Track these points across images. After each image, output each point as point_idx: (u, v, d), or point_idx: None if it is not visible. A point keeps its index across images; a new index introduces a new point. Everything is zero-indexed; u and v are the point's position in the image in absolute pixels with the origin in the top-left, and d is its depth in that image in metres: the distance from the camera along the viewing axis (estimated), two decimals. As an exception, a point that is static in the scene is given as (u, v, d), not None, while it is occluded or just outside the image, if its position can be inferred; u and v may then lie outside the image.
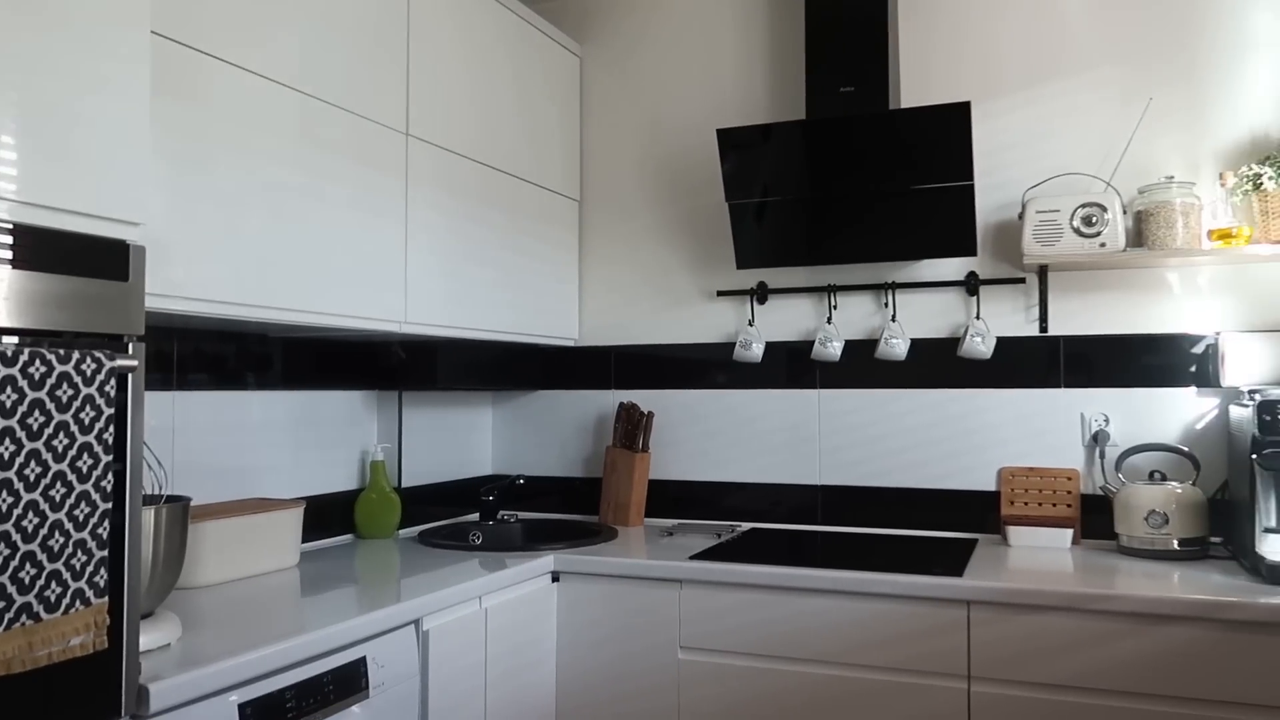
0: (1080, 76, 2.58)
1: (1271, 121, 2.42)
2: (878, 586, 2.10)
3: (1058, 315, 2.59)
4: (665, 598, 2.28)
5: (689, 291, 2.99)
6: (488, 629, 2.12)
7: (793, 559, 2.30)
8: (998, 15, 2.66)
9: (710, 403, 2.94)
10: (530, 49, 2.83)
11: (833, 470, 2.79)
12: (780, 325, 2.87)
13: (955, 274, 2.68)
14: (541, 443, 3.14)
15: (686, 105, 3.00)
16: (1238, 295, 2.44)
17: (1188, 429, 2.47)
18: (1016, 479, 2.58)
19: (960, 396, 2.67)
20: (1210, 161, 2.46)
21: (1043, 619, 1.99)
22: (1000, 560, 2.29)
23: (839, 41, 2.60)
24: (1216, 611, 1.88)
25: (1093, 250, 2.38)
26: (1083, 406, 2.56)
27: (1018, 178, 2.60)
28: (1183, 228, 2.33)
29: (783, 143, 2.61)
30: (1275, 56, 2.42)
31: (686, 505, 2.95)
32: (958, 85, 2.68)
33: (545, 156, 2.91)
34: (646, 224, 3.05)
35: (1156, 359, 2.50)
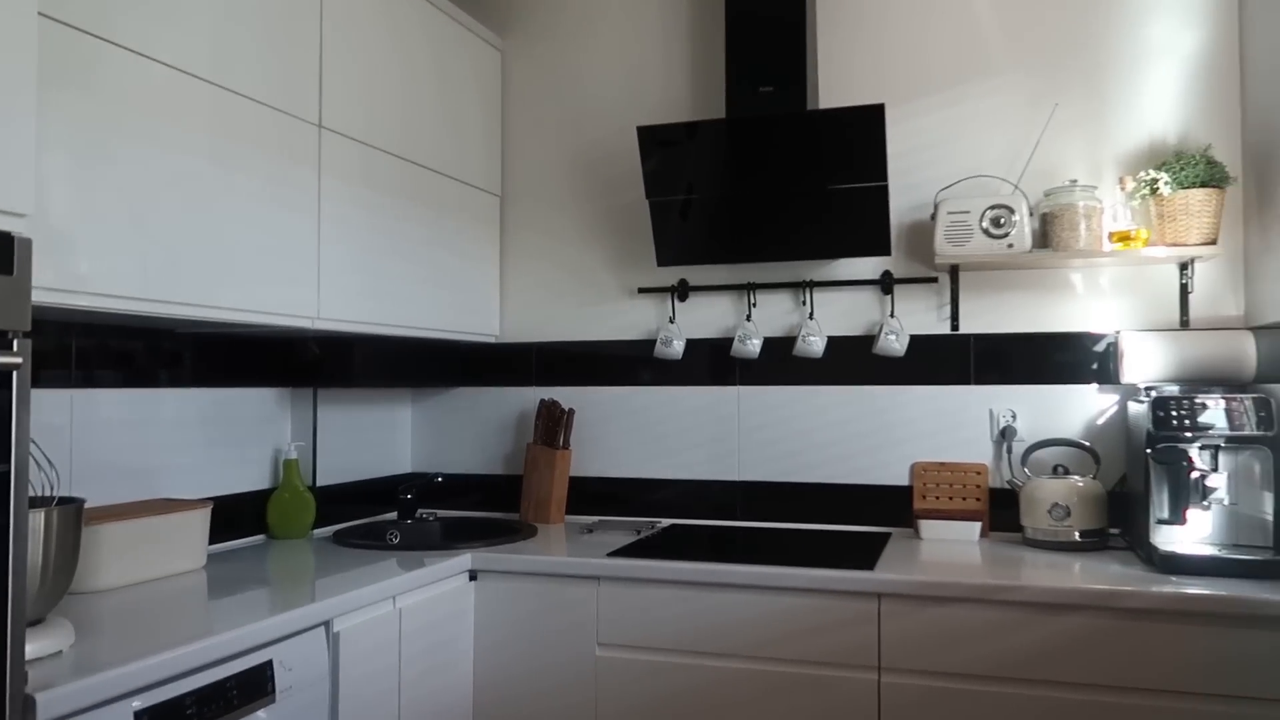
0: (990, 81, 2.65)
1: (1169, 128, 2.51)
2: (792, 581, 2.13)
3: (968, 314, 2.66)
4: (583, 595, 2.28)
5: (610, 288, 2.99)
6: (402, 629, 2.09)
7: (710, 554, 2.32)
8: (913, 20, 2.72)
9: (632, 400, 2.95)
10: (451, 42, 2.80)
11: (752, 466, 2.82)
12: (701, 322, 2.88)
13: (871, 273, 2.73)
14: (462, 440, 3.11)
15: (608, 101, 3.00)
16: (1136, 295, 2.53)
17: (1090, 424, 2.56)
18: (928, 474, 2.64)
19: (875, 393, 2.72)
20: (1112, 166, 2.55)
21: (950, 610, 2.04)
22: (911, 553, 2.34)
23: (759, 42, 2.62)
24: (1112, 600, 1.95)
25: (1001, 251, 2.45)
26: (991, 403, 2.63)
27: (931, 179, 2.66)
28: (1085, 230, 2.41)
29: (703, 141, 2.63)
30: (1172, 66, 2.51)
31: (608, 502, 2.95)
32: (874, 87, 2.73)
33: (466, 151, 2.88)
34: (568, 220, 3.04)
35: (1061, 357, 2.58)
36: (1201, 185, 2.31)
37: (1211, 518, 2.18)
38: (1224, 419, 2.13)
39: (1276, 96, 2.22)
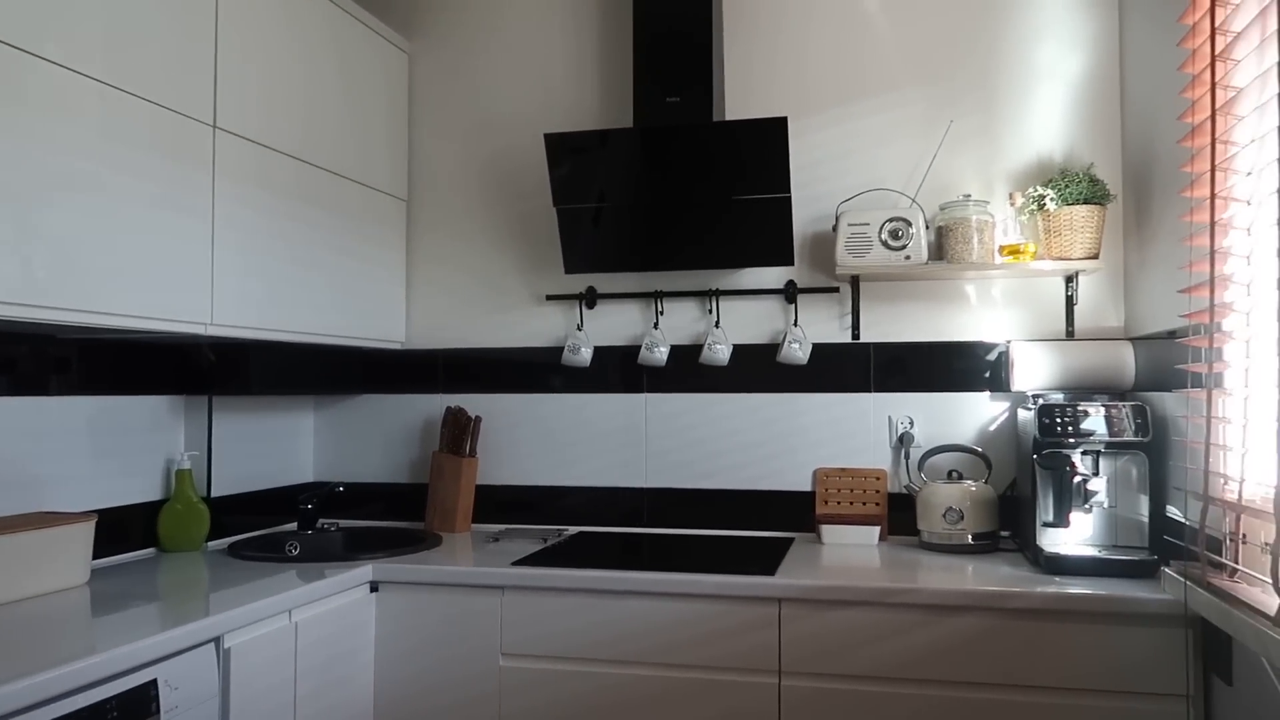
0: (889, 97, 2.72)
1: (1055, 146, 2.62)
2: (694, 587, 2.15)
3: (869, 323, 2.72)
4: (487, 605, 2.26)
5: (518, 295, 2.97)
6: (298, 644, 2.04)
7: (616, 562, 2.32)
8: (817, 35, 2.78)
9: (539, 407, 2.93)
10: (355, 43, 2.75)
11: (659, 473, 2.84)
12: (609, 330, 2.89)
13: (775, 282, 2.77)
14: (366, 448, 3.05)
15: (516, 107, 2.98)
16: (1026, 306, 2.63)
17: (983, 430, 2.65)
18: (830, 479, 2.70)
19: (779, 401, 2.77)
20: (1003, 182, 2.65)
21: (848, 613, 2.09)
22: (812, 558, 2.39)
23: (666, 52, 2.64)
24: (1000, 601, 2.02)
25: (899, 262, 2.52)
26: (890, 410, 2.70)
27: (832, 191, 2.72)
28: (978, 243, 2.50)
29: (610, 150, 2.64)
30: (1058, 88, 2.63)
31: (515, 510, 2.93)
32: (779, 100, 2.78)
33: (371, 155, 2.84)
34: (476, 226, 3.01)
35: (956, 365, 2.67)
36: (1084, 202, 2.42)
37: (1093, 520, 2.28)
38: (1104, 426, 2.23)
39: (1152, 120, 2.34)
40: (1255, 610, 1.53)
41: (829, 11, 2.77)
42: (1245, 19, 1.69)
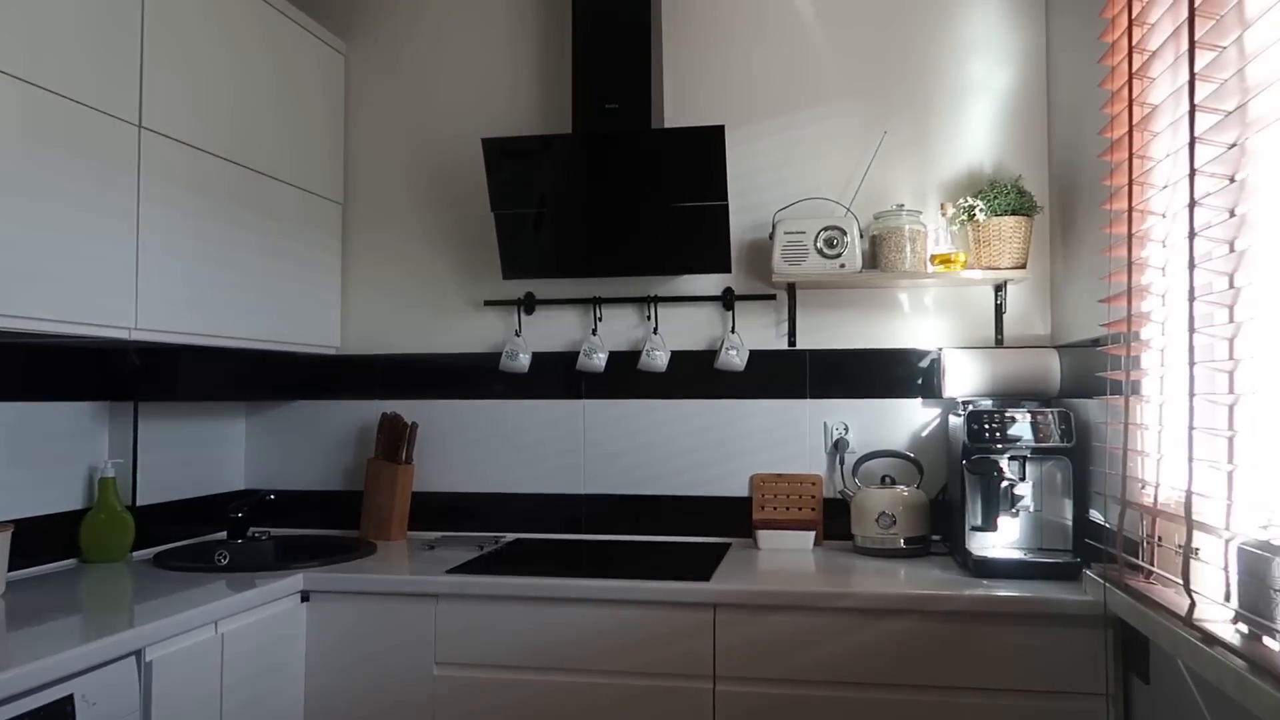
0: (826, 107, 2.76)
1: (985, 158, 2.68)
2: (630, 593, 2.15)
3: (805, 330, 2.75)
4: (421, 613, 2.24)
5: (456, 300, 2.95)
6: (224, 656, 2.00)
7: (553, 569, 2.32)
8: (756, 46, 2.81)
9: (477, 413, 2.91)
10: (289, 43, 2.71)
11: (598, 479, 2.84)
12: (547, 336, 2.88)
13: (713, 289, 2.79)
14: (300, 455, 3.00)
15: (455, 111, 2.96)
16: (956, 314, 2.69)
17: (915, 436, 2.69)
18: (766, 485, 2.72)
19: (717, 407, 2.78)
20: (935, 192, 2.70)
21: (783, 618, 2.10)
22: (748, 563, 2.41)
23: (605, 59, 2.65)
24: (930, 604, 2.05)
25: (834, 270, 2.55)
26: (826, 416, 2.73)
27: (769, 199, 2.75)
28: (910, 252, 2.54)
29: (548, 155, 2.63)
30: (988, 101, 2.69)
31: (452, 517, 2.90)
32: (717, 108, 2.80)
33: (306, 157, 2.79)
34: (413, 230, 2.99)
35: (889, 372, 2.71)
36: (1012, 213, 2.48)
37: (1020, 524, 2.33)
38: (1031, 432, 2.29)
39: (1077, 134, 2.40)
40: (1168, 611, 1.58)
41: (768, 23, 2.80)
42: (1160, 38, 1.75)
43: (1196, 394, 1.56)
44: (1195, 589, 1.57)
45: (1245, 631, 1.41)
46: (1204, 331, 1.54)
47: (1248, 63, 1.41)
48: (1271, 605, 1.29)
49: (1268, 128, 1.36)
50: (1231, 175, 1.51)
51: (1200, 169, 1.54)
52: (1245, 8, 1.41)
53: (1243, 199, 1.47)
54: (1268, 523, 1.39)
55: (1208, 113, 1.53)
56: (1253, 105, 1.40)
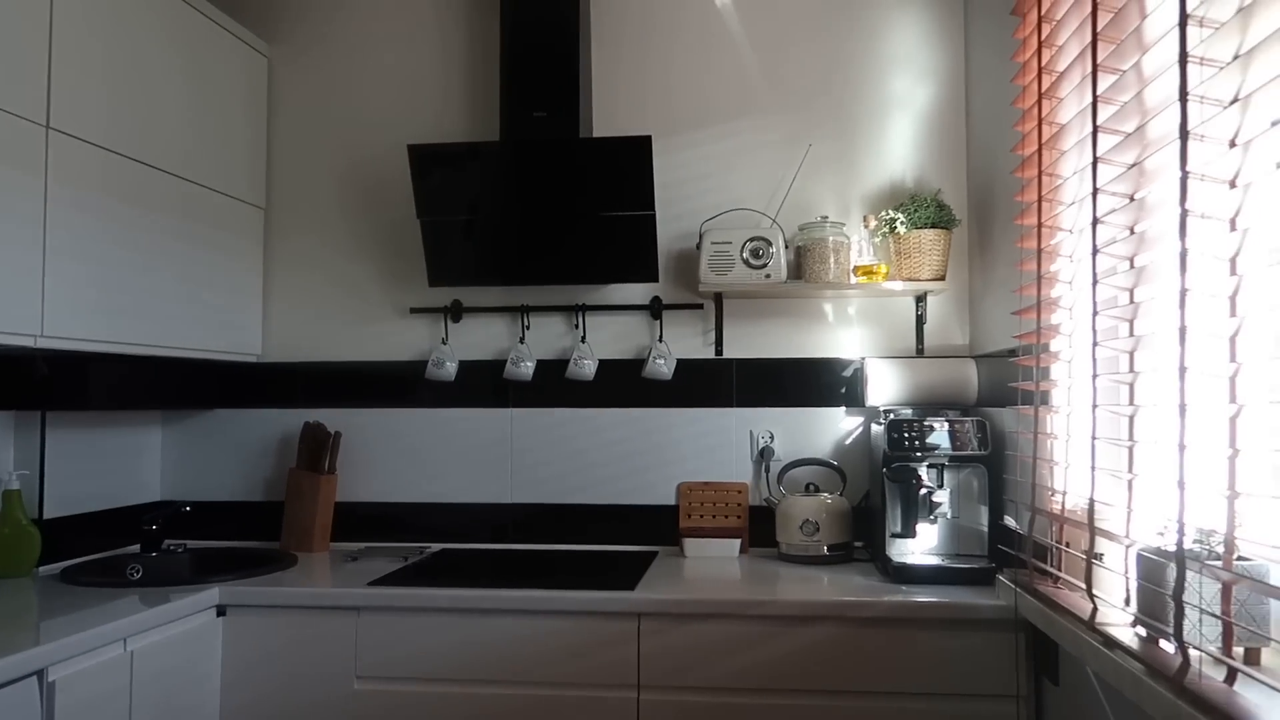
0: (752, 119, 2.80)
1: (907, 172, 2.74)
2: (555, 604, 2.15)
3: (731, 339, 2.78)
4: (341, 627, 2.20)
5: (381, 307, 2.91)
6: (134, 675, 1.94)
7: (475, 580, 2.29)
8: (683, 56, 2.83)
9: (403, 422, 2.88)
10: (210, 45, 2.64)
11: (525, 488, 2.82)
12: (474, 344, 2.86)
13: (641, 298, 2.80)
14: (219, 465, 2.93)
15: (381, 116, 2.93)
16: (878, 325, 2.74)
17: (839, 444, 2.73)
18: (693, 493, 2.74)
19: (644, 415, 2.79)
20: (858, 204, 2.75)
21: (707, 626, 2.12)
22: (674, 572, 2.42)
23: (533, 67, 2.64)
24: (851, 611, 2.08)
25: (760, 280, 2.58)
26: (752, 424, 2.76)
27: (696, 209, 2.77)
28: (834, 263, 2.58)
29: (474, 163, 2.62)
30: (910, 116, 2.75)
31: (377, 528, 2.86)
32: (645, 118, 2.81)
33: (227, 160, 2.73)
34: (338, 236, 2.94)
35: (814, 381, 2.75)
36: (932, 226, 2.53)
37: (938, 530, 2.38)
38: (948, 440, 2.34)
39: (993, 150, 2.47)
40: (1073, 616, 1.63)
41: (696, 36, 2.83)
42: (1067, 59, 1.81)
43: (1099, 405, 1.61)
44: (1098, 594, 1.62)
45: (1143, 635, 1.46)
46: (1106, 345, 1.59)
47: (1146, 86, 1.46)
48: (1167, 610, 1.34)
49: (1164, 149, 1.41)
50: (1131, 194, 1.56)
51: (1102, 188, 1.60)
52: (1144, 33, 1.47)
53: (1142, 217, 1.53)
54: (1164, 529, 1.44)
55: (1109, 133, 1.59)
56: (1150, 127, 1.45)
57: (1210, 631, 1.31)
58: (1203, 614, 1.28)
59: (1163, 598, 1.36)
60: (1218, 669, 1.24)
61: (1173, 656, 1.33)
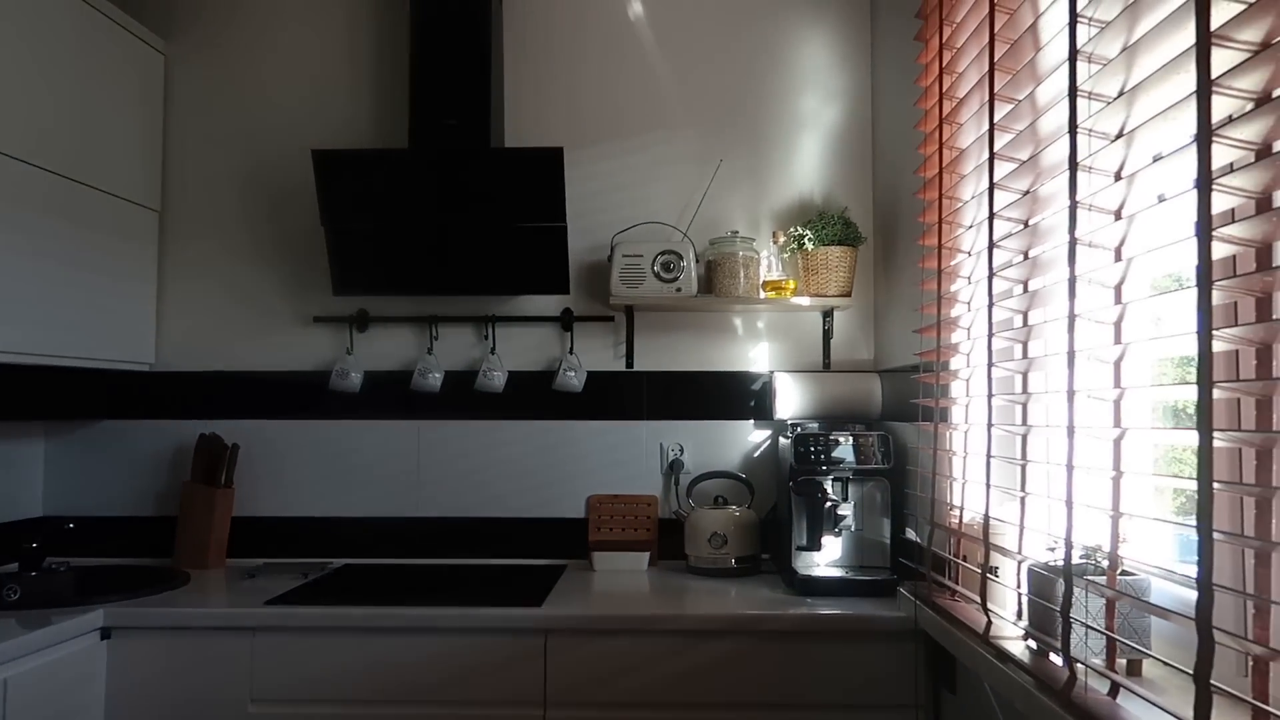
0: (665, 133, 2.81)
1: (815, 189, 2.79)
2: (459, 621, 2.11)
3: (642, 352, 2.78)
4: (236, 648, 2.12)
5: (284, 315, 2.82)
6: (7, 706, 1.83)
7: (377, 597, 2.24)
8: (597, 70, 2.83)
9: (305, 433, 2.79)
10: (99, 40, 2.53)
11: (432, 501, 2.77)
12: (381, 354, 2.80)
13: (552, 310, 2.78)
14: (108, 479, 2.80)
15: (285, 119, 2.84)
16: (787, 339, 2.78)
17: (748, 457, 2.76)
18: (603, 506, 2.73)
19: (554, 428, 2.77)
20: (768, 220, 2.78)
21: (614, 642, 2.11)
22: (583, 586, 2.40)
23: (444, 75, 2.60)
24: (756, 624, 2.10)
25: (671, 294, 2.59)
26: (662, 437, 2.76)
27: (609, 222, 2.76)
28: (744, 278, 2.61)
29: (382, 169, 2.56)
30: (818, 135, 2.80)
31: (277, 543, 2.77)
32: (557, 129, 2.80)
33: (118, 161, 2.61)
34: (239, 241, 2.84)
35: (724, 394, 2.77)
36: (839, 243, 2.58)
37: (842, 543, 2.42)
38: (853, 454, 2.38)
39: (897, 170, 2.53)
40: (969, 629, 1.67)
41: (611, 49, 2.83)
42: (967, 86, 1.87)
43: (995, 424, 1.66)
44: (993, 607, 1.66)
45: (1034, 648, 1.51)
46: (1001, 365, 1.64)
47: (1039, 116, 1.51)
48: (1056, 624, 1.39)
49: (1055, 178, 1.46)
50: (1025, 220, 1.62)
51: (998, 213, 1.65)
52: (1037, 66, 1.52)
53: (1035, 243, 1.58)
54: (1054, 546, 1.49)
55: (1005, 160, 1.64)
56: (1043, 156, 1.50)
57: (1096, 645, 1.36)
58: (1088, 629, 1.33)
59: (1052, 612, 1.40)
60: (1103, 682, 1.28)
61: (1061, 670, 1.37)
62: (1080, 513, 1.33)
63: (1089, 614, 1.33)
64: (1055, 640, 1.39)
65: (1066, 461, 1.33)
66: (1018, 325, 1.66)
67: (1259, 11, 0.95)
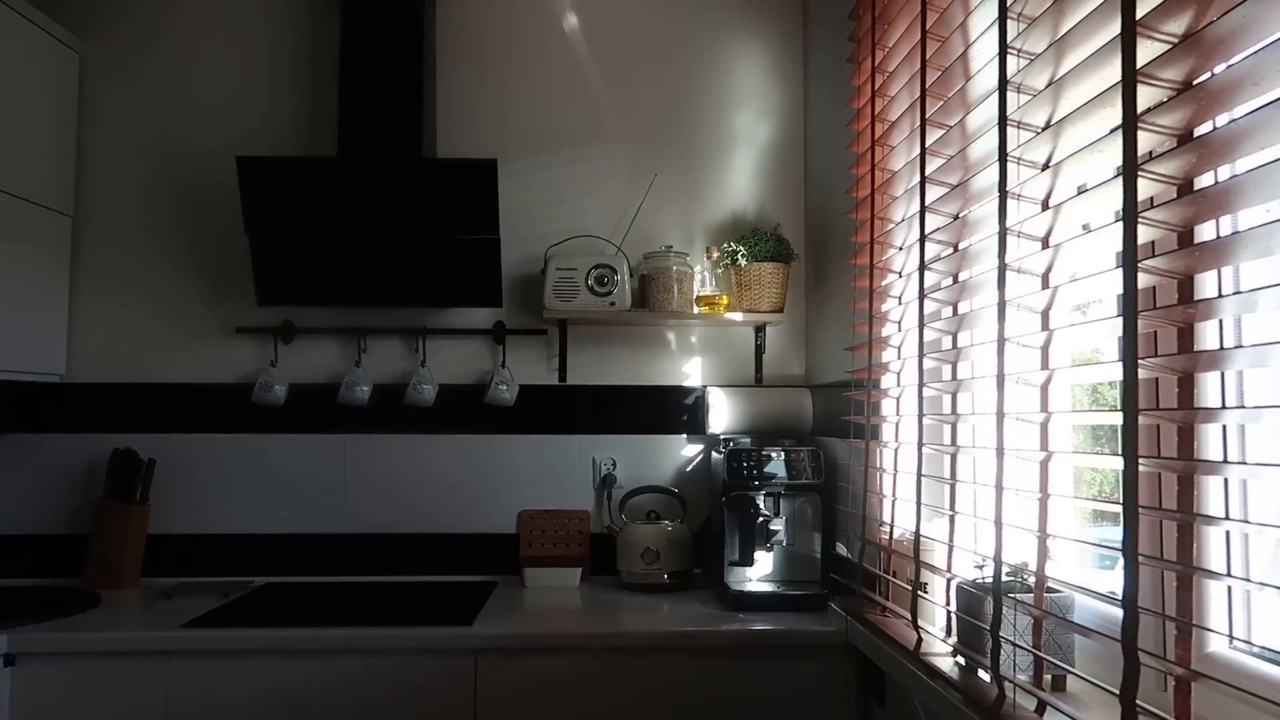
0: (600, 148, 2.80)
1: (749, 205, 2.81)
2: (387, 642, 2.06)
3: (575, 366, 2.77)
4: (151, 673, 2.03)
5: (205, 325, 2.73)
6: (-100, 738, 1.73)
7: (301, 618, 2.18)
8: (532, 82, 2.80)
9: (226, 448, 2.71)
10: (9, 37, 2.42)
11: (359, 517, 2.71)
12: (306, 367, 2.73)
13: (484, 323, 2.75)
14: (13, 495, 2.66)
15: (208, 124, 2.75)
16: (720, 354, 2.79)
17: (680, 471, 2.76)
18: (535, 521, 2.70)
19: (486, 442, 2.74)
20: (702, 235, 2.80)
21: (545, 661, 2.08)
22: (514, 604, 2.37)
23: (374, 83, 2.55)
24: (688, 640, 2.10)
25: (604, 308, 2.58)
26: (595, 451, 2.75)
27: (542, 235, 2.74)
28: (678, 293, 2.61)
29: (310, 178, 2.50)
30: (752, 151, 2.82)
31: (196, 561, 2.67)
32: (492, 140, 2.77)
33: (26, 163, 2.50)
34: (158, 249, 2.74)
35: (657, 408, 2.77)
36: (771, 260, 2.61)
37: (774, 558, 2.44)
38: (785, 469, 2.40)
39: (830, 189, 2.57)
40: (899, 645, 1.69)
41: (545, 61, 2.81)
42: (899, 110, 1.90)
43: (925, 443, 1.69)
44: (922, 624, 1.69)
45: (963, 664, 1.53)
46: (931, 386, 1.67)
47: (969, 143, 1.55)
48: (985, 641, 1.41)
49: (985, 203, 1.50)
50: (955, 243, 1.65)
51: (929, 235, 1.68)
52: (968, 93, 1.56)
53: (964, 266, 1.61)
54: (982, 563, 1.52)
55: (936, 185, 1.67)
56: (974, 181, 1.54)
57: (1023, 661, 1.39)
58: (1016, 648, 1.35)
59: (980, 630, 1.43)
60: (1030, 699, 1.31)
61: (989, 686, 1.40)
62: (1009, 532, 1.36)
63: (1017, 632, 1.36)
64: (984, 658, 1.41)
65: (996, 482, 1.36)
66: (947, 347, 1.69)
67: (1182, 53, 0.99)
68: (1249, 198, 0.94)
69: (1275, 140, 0.90)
